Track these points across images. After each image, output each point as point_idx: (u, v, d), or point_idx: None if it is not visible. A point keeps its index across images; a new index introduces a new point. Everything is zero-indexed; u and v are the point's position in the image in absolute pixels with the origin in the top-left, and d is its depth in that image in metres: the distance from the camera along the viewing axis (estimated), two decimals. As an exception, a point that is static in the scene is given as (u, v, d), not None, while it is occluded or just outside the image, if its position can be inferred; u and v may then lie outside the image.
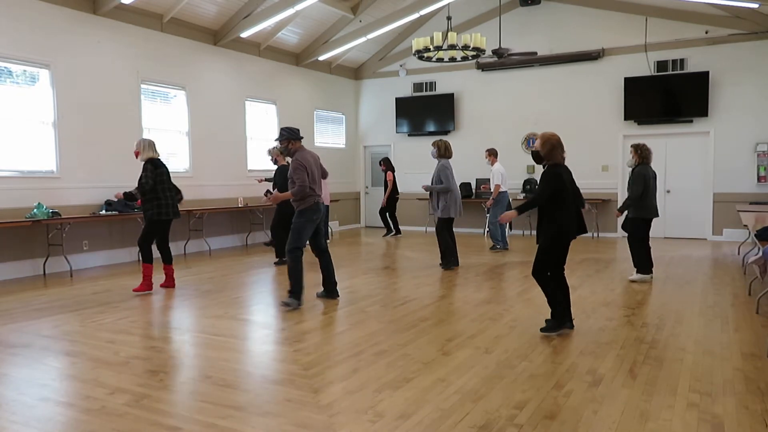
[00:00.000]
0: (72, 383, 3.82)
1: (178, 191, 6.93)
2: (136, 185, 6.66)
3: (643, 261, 7.07)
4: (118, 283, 7.30)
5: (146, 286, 6.61)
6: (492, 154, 10.13)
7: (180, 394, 3.61)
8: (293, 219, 5.94)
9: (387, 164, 12.63)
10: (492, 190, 9.94)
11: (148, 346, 4.72)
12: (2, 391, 3.67)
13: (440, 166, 7.99)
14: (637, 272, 7.12)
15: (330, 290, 6.25)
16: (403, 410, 3.26)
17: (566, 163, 4.86)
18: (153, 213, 6.59)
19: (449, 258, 8.21)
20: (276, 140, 6.41)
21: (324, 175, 6.20)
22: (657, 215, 7.05)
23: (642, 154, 6.95)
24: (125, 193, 6.74)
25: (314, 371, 3.94)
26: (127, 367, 4.08)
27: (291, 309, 5.76)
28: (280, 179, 8.35)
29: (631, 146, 7.11)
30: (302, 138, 6.03)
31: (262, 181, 10.40)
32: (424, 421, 3.12)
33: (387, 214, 12.69)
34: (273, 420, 3.16)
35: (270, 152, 8.87)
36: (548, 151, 4.74)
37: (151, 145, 6.68)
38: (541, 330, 4.81)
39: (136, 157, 6.66)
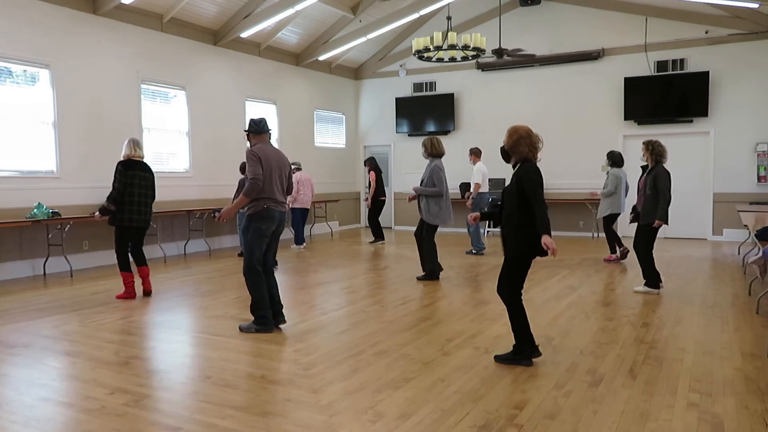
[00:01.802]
0: (72, 383, 3.83)
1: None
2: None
3: (648, 272, 6.42)
4: (118, 283, 7.25)
5: (128, 293, 6.37)
6: (473, 153, 9.91)
7: (180, 394, 3.61)
8: (246, 227, 4.99)
9: (371, 164, 11.77)
10: (472, 190, 9.67)
11: (148, 346, 4.73)
12: (2, 391, 3.67)
13: (433, 166, 7.19)
14: (645, 284, 6.48)
15: (276, 312, 5.09)
16: (403, 410, 3.26)
17: (566, 163, 4.33)
18: (116, 219, 6.14)
19: (432, 269, 7.35)
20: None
21: (289, 189, 5.15)
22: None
23: (655, 151, 6.39)
24: (100, 211, 6.24)
25: (314, 371, 3.94)
26: (127, 367, 4.08)
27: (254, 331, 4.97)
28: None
29: (643, 143, 6.57)
30: (268, 132, 5.07)
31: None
32: (424, 421, 3.12)
33: (376, 217, 11.69)
34: (273, 420, 3.16)
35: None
36: (513, 144, 3.92)
37: (129, 143, 6.21)
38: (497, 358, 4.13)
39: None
